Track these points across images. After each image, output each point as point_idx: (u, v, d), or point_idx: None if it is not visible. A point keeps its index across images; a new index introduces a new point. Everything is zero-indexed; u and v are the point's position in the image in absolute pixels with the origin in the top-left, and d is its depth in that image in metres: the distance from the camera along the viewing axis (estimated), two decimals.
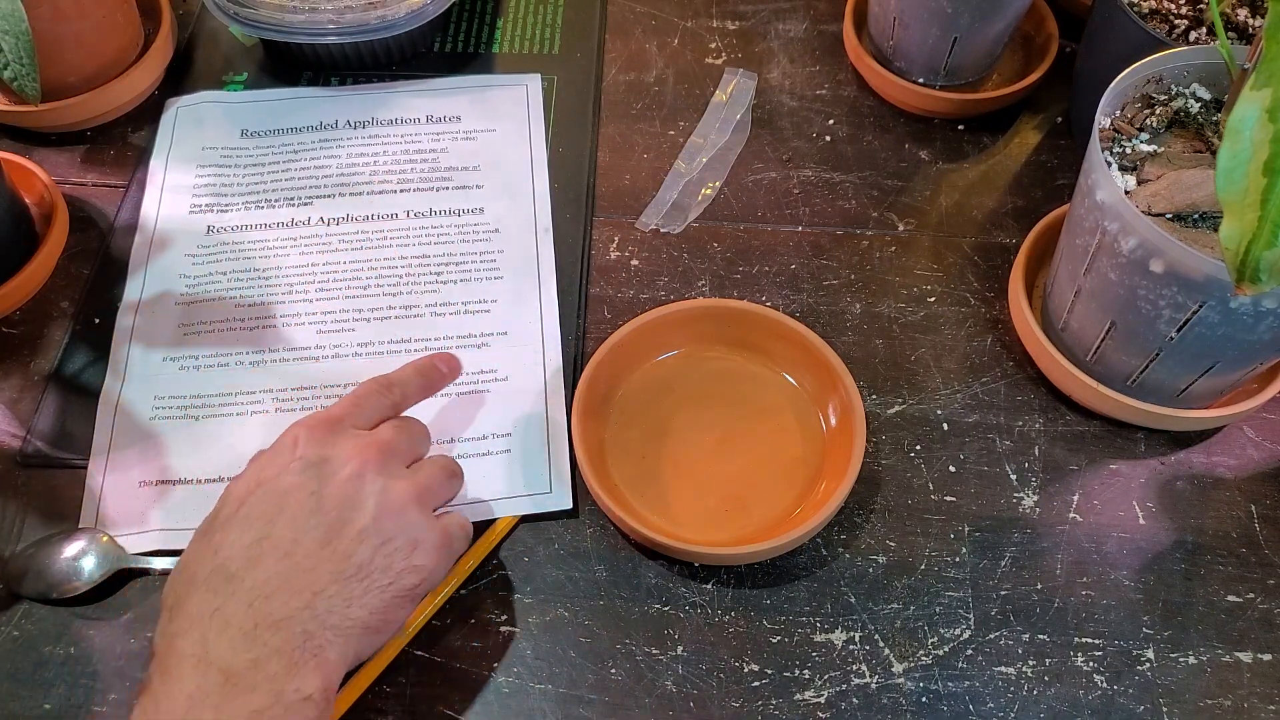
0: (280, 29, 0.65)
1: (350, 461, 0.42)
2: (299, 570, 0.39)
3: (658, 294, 0.59)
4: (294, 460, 0.42)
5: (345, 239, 0.61)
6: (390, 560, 0.41)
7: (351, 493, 0.41)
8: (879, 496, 0.52)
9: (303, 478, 0.41)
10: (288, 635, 0.38)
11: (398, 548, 0.41)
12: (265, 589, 0.38)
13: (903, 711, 0.46)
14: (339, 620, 0.39)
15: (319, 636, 0.38)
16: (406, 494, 0.42)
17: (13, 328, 0.58)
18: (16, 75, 0.52)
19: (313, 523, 0.40)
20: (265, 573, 0.39)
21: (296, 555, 0.39)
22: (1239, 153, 0.36)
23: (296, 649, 0.38)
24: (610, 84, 0.69)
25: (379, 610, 0.40)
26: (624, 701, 0.46)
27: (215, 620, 0.38)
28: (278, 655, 0.37)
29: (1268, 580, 0.49)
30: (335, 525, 0.40)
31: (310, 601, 0.39)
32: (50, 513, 0.51)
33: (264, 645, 0.37)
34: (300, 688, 0.37)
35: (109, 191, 0.64)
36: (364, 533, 0.40)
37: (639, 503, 0.51)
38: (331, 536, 0.40)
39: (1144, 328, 0.47)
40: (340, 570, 0.40)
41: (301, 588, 0.39)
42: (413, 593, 0.42)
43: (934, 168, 0.65)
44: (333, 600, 0.39)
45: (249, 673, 0.37)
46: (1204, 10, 0.57)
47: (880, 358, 0.57)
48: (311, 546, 0.40)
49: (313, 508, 0.40)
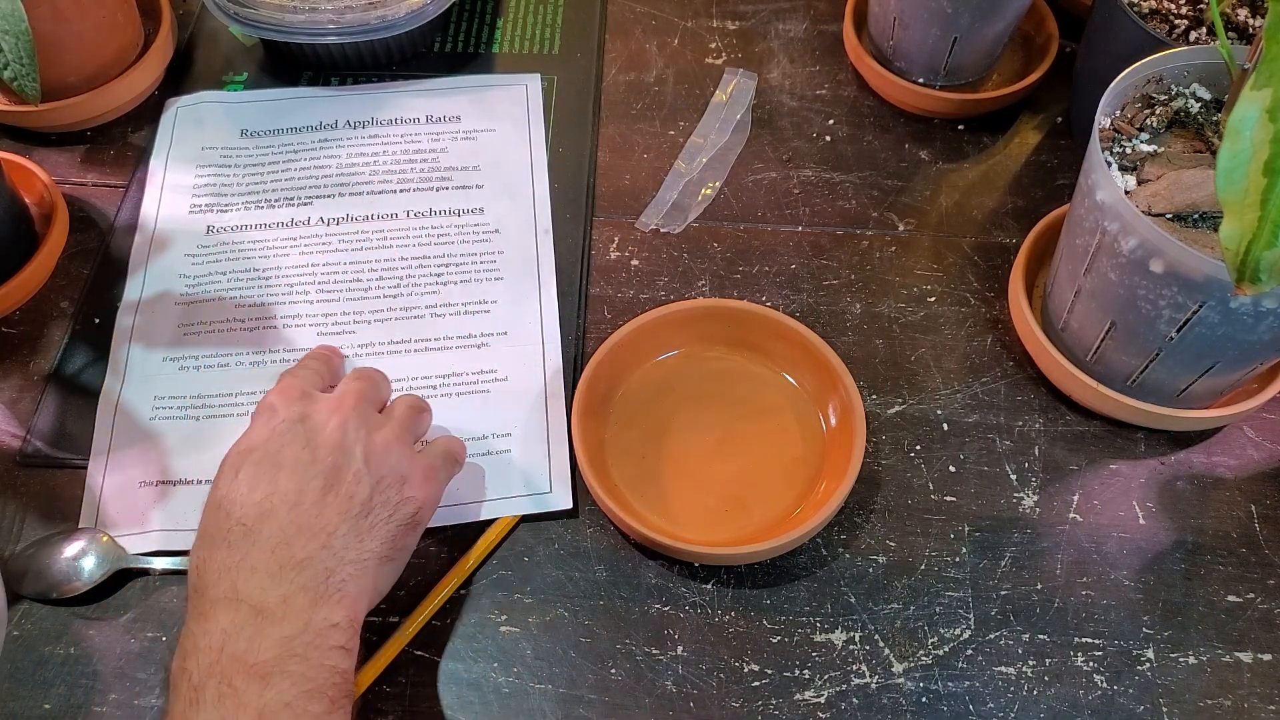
0: (280, 29, 0.65)
1: (331, 415, 0.45)
2: (310, 516, 0.42)
3: (658, 294, 0.59)
4: (278, 423, 0.45)
5: (345, 239, 0.61)
6: (386, 495, 0.44)
7: (339, 440, 0.44)
8: (879, 496, 0.52)
9: (292, 436, 0.44)
10: (311, 573, 0.41)
11: (390, 484, 0.44)
12: (283, 536, 0.41)
13: (903, 711, 0.46)
14: (355, 555, 0.42)
15: (340, 572, 0.41)
16: (387, 436, 0.46)
17: (13, 328, 0.58)
18: (16, 75, 0.52)
19: (312, 473, 0.43)
20: (279, 522, 0.41)
21: (304, 504, 0.42)
22: (1239, 153, 0.36)
23: (320, 584, 0.41)
24: (610, 84, 0.69)
25: (388, 540, 0.43)
26: (624, 701, 0.46)
27: (242, 568, 0.40)
28: (304, 591, 0.40)
29: (1268, 580, 0.49)
30: (332, 472, 0.43)
31: (326, 542, 0.41)
32: (50, 513, 0.51)
33: (290, 583, 0.40)
34: (328, 616, 0.40)
35: (109, 191, 0.64)
36: (359, 475, 0.43)
37: (639, 503, 0.51)
38: (332, 483, 0.43)
39: (1144, 328, 0.47)
40: (347, 510, 0.42)
41: (316, 530, 0.42)
42: (414, 520, 0.45)
43: (934, 168, 0.65)
44: (346, 538, 0.42)
45: (278, 607, 0.39)
46: (1204, 10, 0.57)
47: (880, 358, 0.57)
48: (315, 495, 0.42)
49: (308, 460, 0.43)
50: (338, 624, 0.40)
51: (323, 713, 0.38)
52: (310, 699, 0.38)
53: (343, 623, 0.40)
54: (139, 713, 0.46)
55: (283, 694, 0.37)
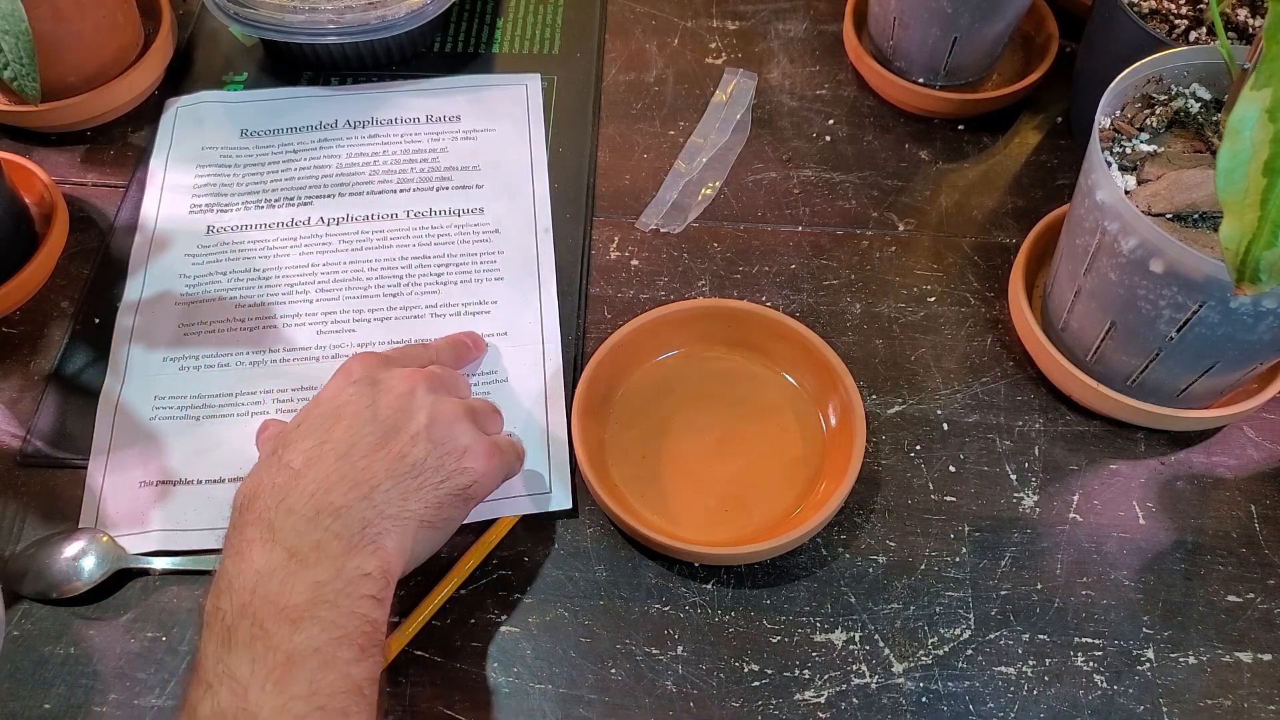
0: (280, 29, 0.65)
1: (403, 382, 0.46)
2: (356, 467, 0.42)
3: (658, 294, 0.59)
4: (350, 383, 0.46)
5: (345, 239, 0.61)
6: (442, 461, 0.44)
7: (405, 405, 0.45)
8: (879, 496, 0.52)
9: (358, 393, 0.45)
10: (347, 522, 0.41)
11: (449, 451, 0.44)
12: (325, 483, 0.41)
13: (903, 711, 0.46)
14: (396, 511, 0.42)
15: (376, 525, 0.41)
16: (456, 408, 0.46)
17: (13, 328, 0.58)
18: (16, 75, 0.52)
19: (368, 430, 0.43)
20: (325, 469, 0.42)
21: (354, 456, 0.42)
22: (1239, 153, 0.36)
23: (355, 534, 0.41)
24: (610, 84, 0.69)
25: (433, 505, 0.43)
26: (624, 701, 0.46)
27: (280, 509, 0.41)
28: (338, 538, 0.40)
29: (1268, 580, 0.49)
30: (390, 431, 0.44)
31: (368, 494, 0.42)
32: (50, 513, 0.51)
33: (325, 529, 0.40)
34: (360, 565, 0.40)
35: (109, 191, 0.64)
36: (416, 437, 0.44)
37: (639, 503, 0.51)
38: (386, 440, 0.43)
39: (1144, 328, 0.47)
40: (395, 469, 0.43)
41: (360, 481, 0.42)
42: (466, 493, 0.45)
43: (934, 168, 0.65)
44: (389, 494, 0.42)
45: (311, 552, 0.40)
46: (1204, 10, 0.57)
47: (880, 358, 0.57)
48: (367, 448, 0.43)
49: (368, 417, 0.44)
50: (369, 573, 0.40)
51: (351, 659, 0.38)
52: (339, 645, 0.38)
53: (375, 573, 0.40)
54: (139, 713, 0.46)
55: (312, 639, 0.38)
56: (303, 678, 0.37)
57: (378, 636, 0.40)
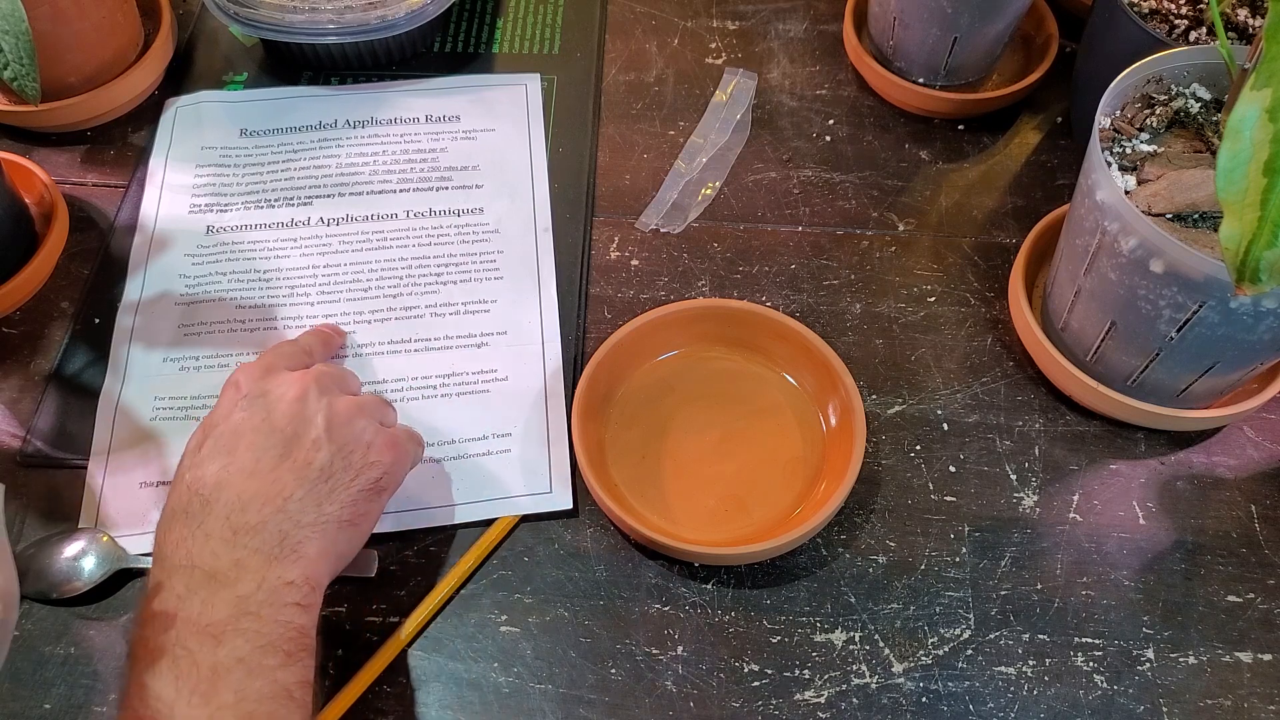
0: (280, 29, 0.65)
1: (292, 387, 0.45)
2: (265, 483, 0.42)
3: (658, 294, 0.59)
4: (240, 399, 0.45)
5: (345, 239, 0.61)
6: (349, 460, 0.44)
7: (299, 412, 0.44)
8: (879, 496, 0.52)
9: (251, 410, 0.45)
10: (265, 537, 0.41)
11: (353, 449, 0.45)
12: (238, 503, 0.41)
13: (903, 711, 0.46)
14: (313, 518, 0.42)
15: (295, 535, 0.42)
16: (350, 405, 0.46)
17: (13, 328, 0.58)
18: (16, 75, 0.52)
19: (269, 443, 0.43)
20: (235, 490, 0.42)
21: (261, 471, 0.42)
22: (1239, 153, 0.36)
23: (274, 547, 0.41)
24: (610, 84, 0.69)
25: (349, 504, 0.44)
26: (624, 701, 0.46)
27: (197, 536, 0.41)
28: (257, 553, 0.41)
29: (1268, 580, 0.49)
30: (290, 441, 0.44)
31: (282, 506, 0.42)
32: (50, 513, 0.51)
33: (244, 548, 0.40)
34: (282, 575, 0.40)
35: (109, 191, 0.64)
36: (318, 441, 0.44)
37: (639, 503, 0.51)
38: (289, 450, 0.43)
39: (1144, 328, 0.47)
40: (304, 476, 0.43)
41: (271, 496, 0.42)
42: (377, 485, 0.45)
43: (934, 168, 0.65)
44: (303, 502, 0.42)
45: (232, 570, 0.40)
46: (1204, 10, 0.57)
47: (880, 358, 0.57)
48: (272, 462, 0.43)
49: (266, 430, 0.44)
50: (293, 582, 0.41)
51: (277, 665, 0.39)
52: (265, 654, 0.39)
53: (298, 580, 0.41)
54: None
55: (236, 650, 0.38)
56: (228, 688, 0.37)
57: (305, 641, 0.41)
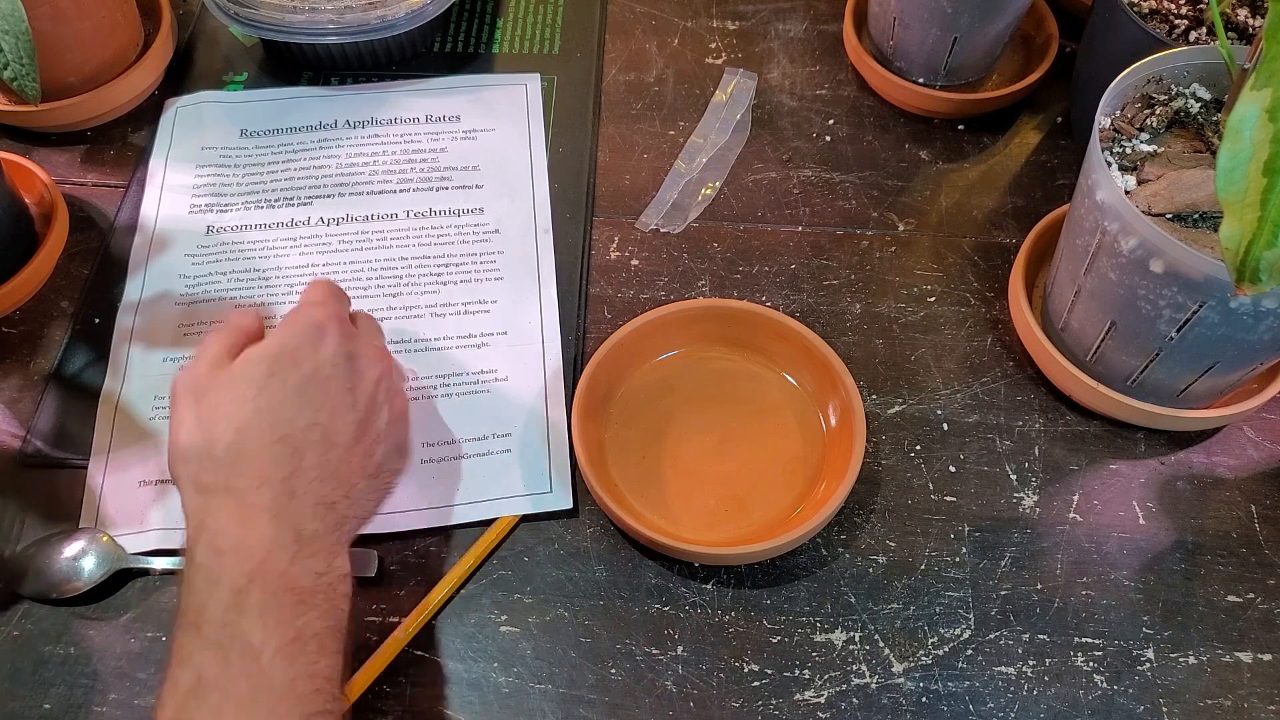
0: (280, 29, 0.65)
1: (375, 365, 0.46)
2: (341, 461, 0.43)
3: (658, 294, 0.59)
4: (329, 352, 0.44)
5: (345, 239, 0.61)
6: (393, 462, 0.46)
7: (376, 395, 0.45)
8: (879, 496, 0.52)
9: (341, 370, 0.44)
10: (334, 518, 0.42)
11: (400, 452, 0.47)
12: (321, 473, 0.42)
13: (903, 711, 0.46)
14: (359, 511, 0.44)
15: (348, 525, 0.43)
16: (404, 405, 0.48)
17: (13, 328, 0.58)
18: (16, 75, 0.52)
19: (350, 419, 0.44)
20: (318, 457, 0.42)
21: (338, 448, 0.43)
22: (1239, 153, 0.36)
23: (335, 530, 0.42)
24: (610, 84, 0.69)
25: (372, 506, 0.45)
26: (624, 701, 0.46)
27: (284, 487, 0.41)
28: (331, 534, 0.42)
29: (1268, 580, 0.49)
30: (364, 424, 0.44)
31: (348, 493, 0.43)
32: (50, 513, 0.51)
33: (322, 520, 0.41)
34: (342, 565, 0.42)
35: (109, 191, 0.64)
36: (380, 436, 0.45)
37: (639, 503, 0.51)
38: (361, 435, 0.44)
39: (1144, 328, 0.47)
40: (365, 468, 0.44)
41: (344, 478, 0.43)
42: (389, 491, 0.47)
43: (934, 168, 0.65)
44: (363, 494, 0.44)
45: (313, 540, 0.41)
46: (1204, 10, 0.57)
47: (880, 358, 0.57)
48: (347, 441, 0.43)
49: (350, 404, 0.44)
50: (347, 574, 0.42)
51: (336, 650, 0.40)
52: (331, 636, 0.40)
53: (349, 576, 0.42)
54: (139, 713, 0.46)
55: (313, 623, 0.39)
56: (306, 658, 0.38)
57: (348, 639, 0.42)
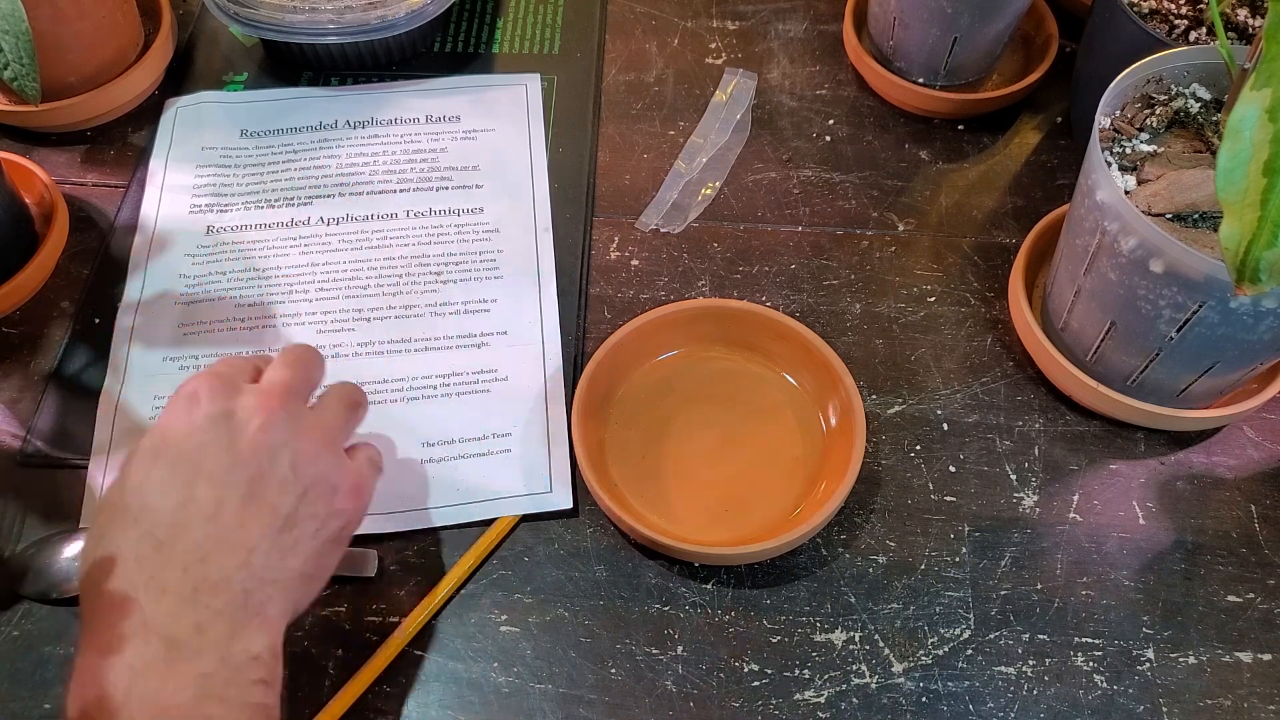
0: (280, 29, 0.65)
1: (257, 412, 0.41)
2: (229, 530, 0.38)
3: (658, 294, 0.59)
4: (199, 418, 0.40)
5: (345, 239, 0.61)
6: (314, 507, 0.40)
7: (264, 443, 0.40)
8: (879, 496, 0.52)
9: (213, 434, 0.40)
10: (229, 596, 0.37)
11: (319, 495, 0.41)
12: (199, 553, 0.37)
13: (903, 711, 0.46)
14: (276, 574, 0.39)
15: (259, 593, 0.38)
16: (316, 439, 0.42)
17: (13, 328, 0.58)
18: (16, 75, 0.52)
19: (233, 479, 0.39)
20: (195, 536, 0.38)
21: (224, 516, 0.38)
22: (1239, 153, 0.36)
23: (239, 609, 0.37)
24: (610, 84, 0.69)
25: (312, 557, 0.40)
26: (624, 701, 0.46)
27: (150, 589, 0.37)
28: (221, 617, 0.37)
29: (1268, 580, 0.49)
30: (255, 479, 0.39)
31: (246, 560, 0.38)
32: (50, 513, 0.51)
33: (206, 608, 0.37)
34: (247, 648, 0.37)
35: (109, 191, 0.64)
36: (284, 483, 0.40)
37: (639, 503, 0.51)
38: (254, 491, 0.39)
39: (1144, 328, 0.47)
40: (269, 525, 0.39)
41: (236, 546, 0.38)
42: (339, 536, 0.42)
43: (934, 168, 0.65)
44: (268, 556, 0.39)
45: (193, 638, 0.36)
46: (1204, 10, 0.57)
47: (880, 358, 0.57)
48: (236, 504, 0.39)
49: (230, 463, 0.39)
50: (258, 655, 0.37)
51: None
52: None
53: (264, 654, 0.37)
54: None
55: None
56: None
57: (272, 715, 0.37)
